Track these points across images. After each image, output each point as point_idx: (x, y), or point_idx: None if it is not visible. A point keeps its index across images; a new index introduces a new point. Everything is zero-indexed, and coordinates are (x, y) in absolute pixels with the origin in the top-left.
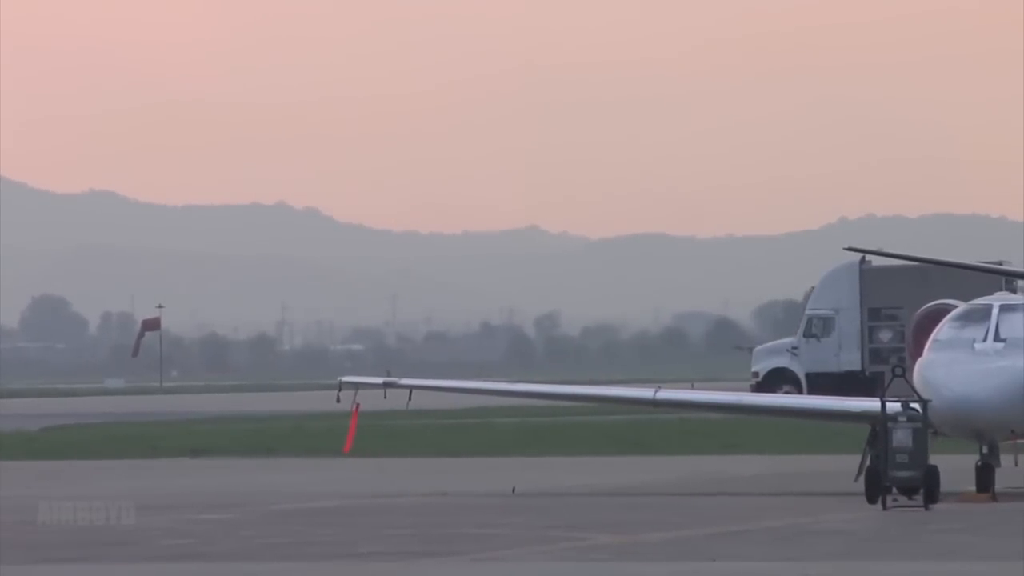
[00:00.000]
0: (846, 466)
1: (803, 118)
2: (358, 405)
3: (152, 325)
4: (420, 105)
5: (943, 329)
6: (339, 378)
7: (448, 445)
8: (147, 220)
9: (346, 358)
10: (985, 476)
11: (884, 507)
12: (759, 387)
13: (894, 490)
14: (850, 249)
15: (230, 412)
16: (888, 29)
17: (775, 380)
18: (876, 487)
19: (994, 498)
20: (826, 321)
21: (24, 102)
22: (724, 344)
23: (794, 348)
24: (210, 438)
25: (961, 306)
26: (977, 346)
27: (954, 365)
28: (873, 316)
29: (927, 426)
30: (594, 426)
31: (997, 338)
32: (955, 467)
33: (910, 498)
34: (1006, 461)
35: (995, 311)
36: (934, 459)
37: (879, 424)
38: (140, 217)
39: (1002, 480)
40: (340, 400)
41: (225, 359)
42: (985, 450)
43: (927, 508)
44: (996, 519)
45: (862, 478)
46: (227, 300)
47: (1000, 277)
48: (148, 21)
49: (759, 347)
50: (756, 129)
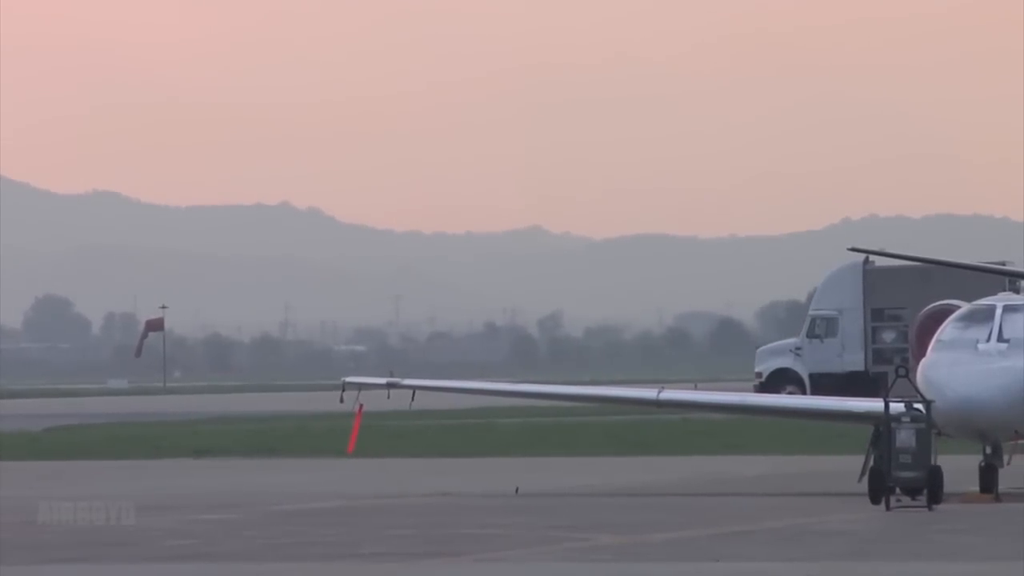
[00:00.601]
0: (849, 467)
1: (807, 118)
2: (361, 406)
3: (155, 325)
4: (423, 105)
5: (946, 330)
6: (342, 378)
7: (451, 446)
8: (150, 221)
9: (349, 358)
10: (988, 477)
11: (888, 508)
12: (762, 387)
13: (898, 491)
14: (853, 249)
15: (233, 412)
16: (892, 28)
17: (778, 380)
18: (880, 488)
19: (998, 499)
20: (829, 321)
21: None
22: (727, 344)
23: (797, 348)
24: (213, 438)
25: (964, 307)
26: (980, 347)
27: (957, 366)
28: (876, 316)
29: (931, 427)
30: (597, 426)
31: (1000, 339)
32: (959, 468)
33: (914, 499)
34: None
35: (998, 312)
36: (937, 459)
37: (883, 424)
38: (143, 218)
39: (1005, 480)
40: (343, 400)
41: (228, 359)
42: (989, 451)
43: (931, 509)
44: (1000, 520)
45: (865, 479)
46: (230, 300)
47: (1003, 277)
48: (150, 21)
49: (762, 348)
50: (759, 129)
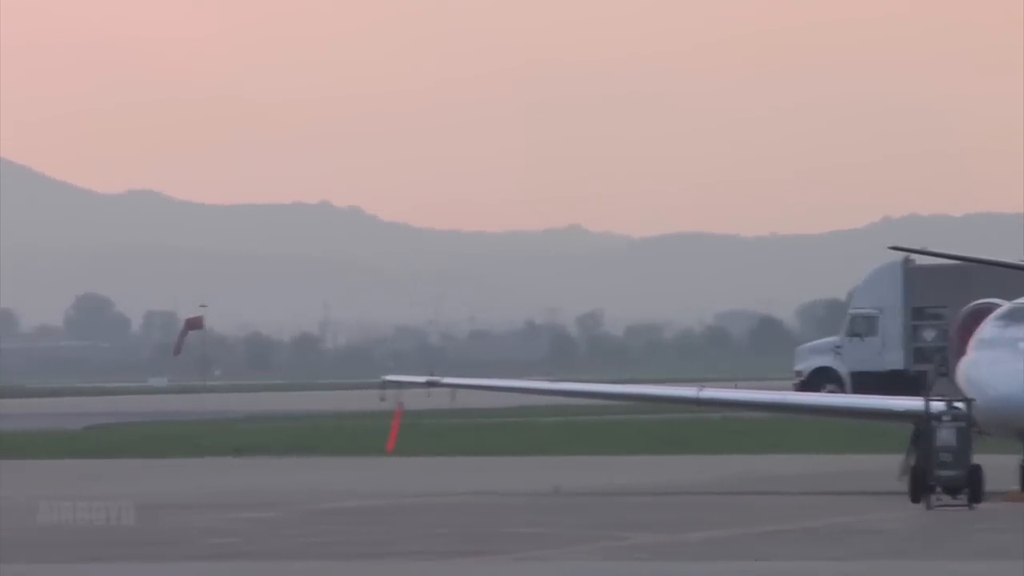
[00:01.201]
0: (890, 465)
1: (848, 116)
2: (401, 404)
3: (195, 324)
4: (463, 103)
5: (987, 328)
6: (382, 377)
7: (490, 444)
8: (190, 219)
9: (389, 357)
10: None
11: (928, 506)
12: (803, 386)
13: (938, 489)
14: (894, 248)
15: (272, 411)
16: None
17: (819, 379)
18: (920, 486)
19: None
20: (870, 320)
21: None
22: (767, 343)
23: (838, 347)
24: (252, 437)
25: (1005, 305)
26: (1021, 345)
27: (998, 364)
28: (917, 315)
29: (971, 425)
30: (637, 425)
31: None
32: (999, 466)
33: (954, 497)
34: None
35: None
36: (978, 458)
37: (923, 423)
38: (183, 216)
39: None
40: (384, 399)
41: (268, 358)
42: None
43: (971, 507)
44: None
45: (906, 477)
46: (270, 299)
47: None
48: (189, 19)
49: (802, 346)
50: (800, 128)
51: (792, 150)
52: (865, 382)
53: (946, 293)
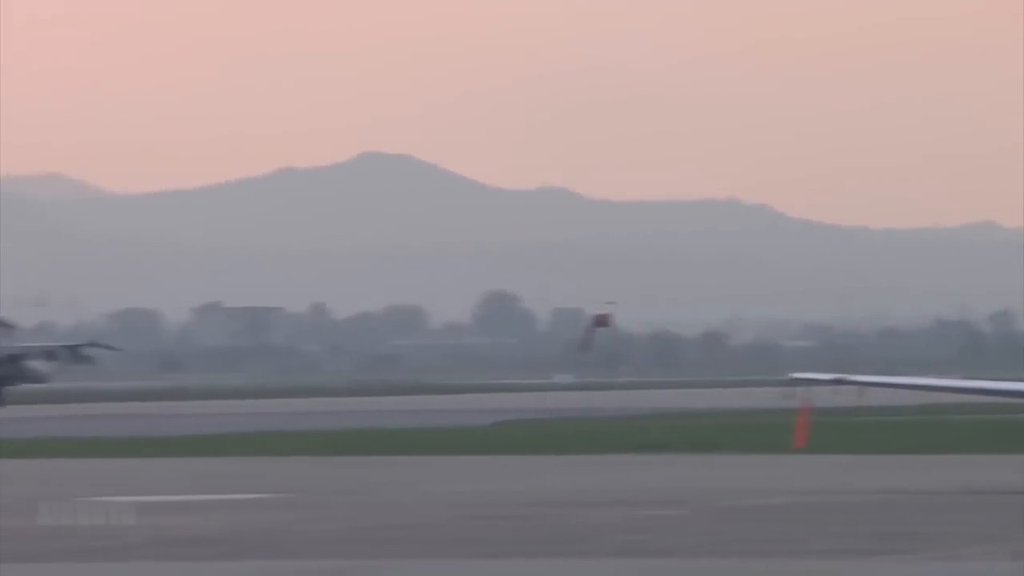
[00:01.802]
0: None
1: None
2: (809, 401)
3: (603, 321)
4: (874, 106)
5: None
6: (789, 375)
7: (900, 442)
8: (598, 216)
9: (797, 355)
10: None
11: None
12: None
13: None
14: None
15: (678, 408)
16: None
17: None
18: None
19: None
20: None
21: (476, 100)
22: None
23: None
24: (659, 434)
25: None
26: None
27: None
28: None
29: None
30: None
31: None
32: None
33: None
34: None
35: None
36: None
37: None
38: (591, 213)
39: None
40: (790, 396)
41: (675, 355)
42: None
43: None
44: None
45: None
46: (677, 296)
47: None
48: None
49: None
50: None
51: None
52: None
53: None
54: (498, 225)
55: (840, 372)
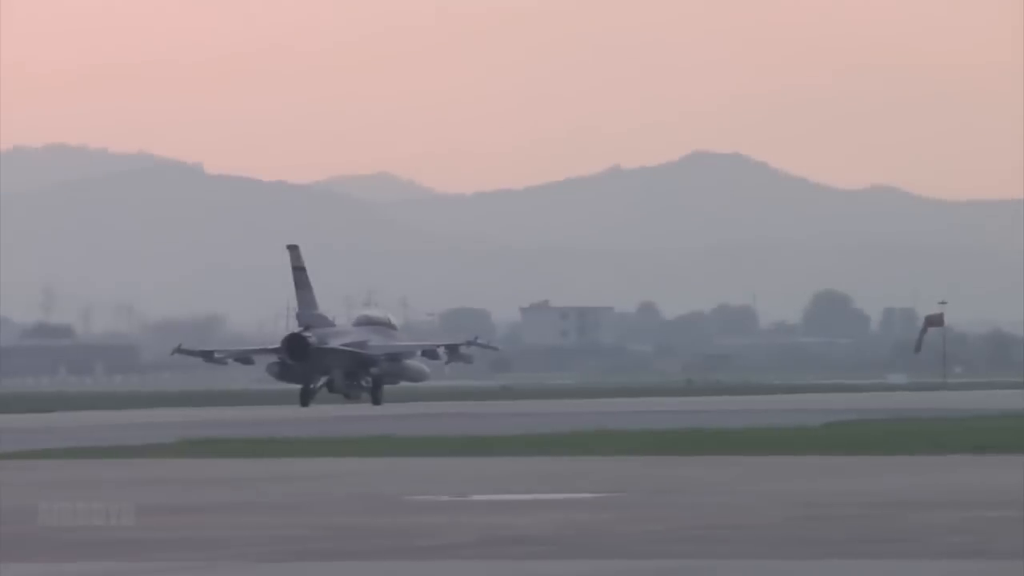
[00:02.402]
0: None
1: None
2: None
3: (935, 321)
4: None
5: None
6: None
7: None
8: (931, 215)
9: None
10: None
11: None
12: None
13: None
14: None
15: (1015, 409)
16: None
17: None
18: None
19: None
20: None
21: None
22: None
23: None
24: (995, 434)
25: None
26: None
27: None
28: None
29: None
30: None
31: None
32: None
33: None
34: None
35: None
36: None
37: None
38: (924, 212)
39: None
40: None
41: (1010, 355)
42: None
43: None
44: None
45: None
46: (1011, 295)
47: None
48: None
49: None
50: None
51: None
52: None
53: None
54: (828, 223)
55: None
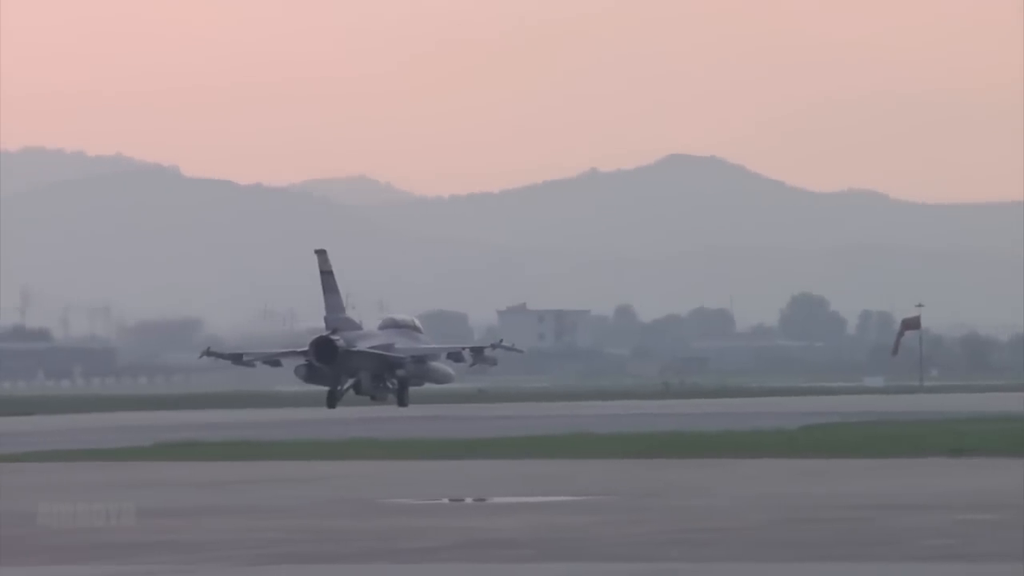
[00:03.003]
0: None
1: None
2: None
3: (912, 324)
4: None
5: None
6: None
7: None
8: (907, 218)
9: None
10: None
11: None
12: None
13: None
14: None
15: (991, 412)
16: None
17: None
18: None
19: None
20: None
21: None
22: None
23: None
24: (972, 438)
25: None
26: None
27: None
28: None
29: None
30: None
31: None
32: None
33: None
34: None
35: None
36: None
37: None
38: (900, 215)
39: None
40: None
41: (986, 358)
42: None
43: None
44: None
45: None
46: (987, 298)
47: None
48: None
49: None
50: None
51: None
52: None
53: None
54: (805, 226)
55: None
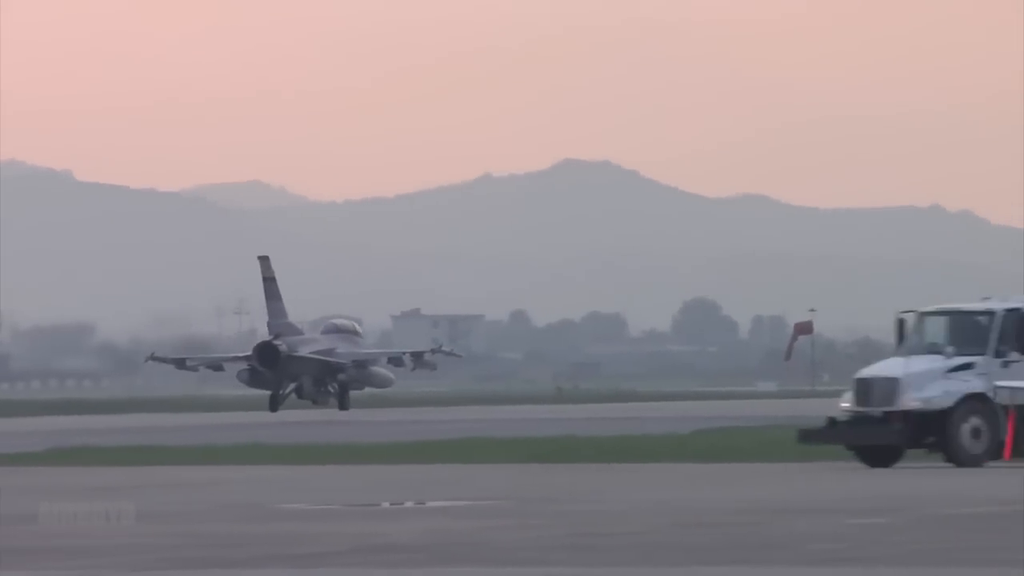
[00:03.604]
0: None
1: None
2: (1014, 410)
3: (805, 329)
4: None
5: None
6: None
7: None
8: (800, 224)
9: None
10: None
11: None
12: None
13: None
14: None
15: None
16: None
17: None
18: None
19: None
20: None
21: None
22: None
23: None
24: None
25: None
26: None
27: None
28: None
29: None
30: None
31: None
32: None
33: None
34: None
35: None
36: None
37: None
38: (793, 220)
39: None
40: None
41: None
42: None
43: None
44: None
45: None
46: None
47: None
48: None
49: None
50: None
51: None
52: None
53: None
54: (698, 231)
55: None
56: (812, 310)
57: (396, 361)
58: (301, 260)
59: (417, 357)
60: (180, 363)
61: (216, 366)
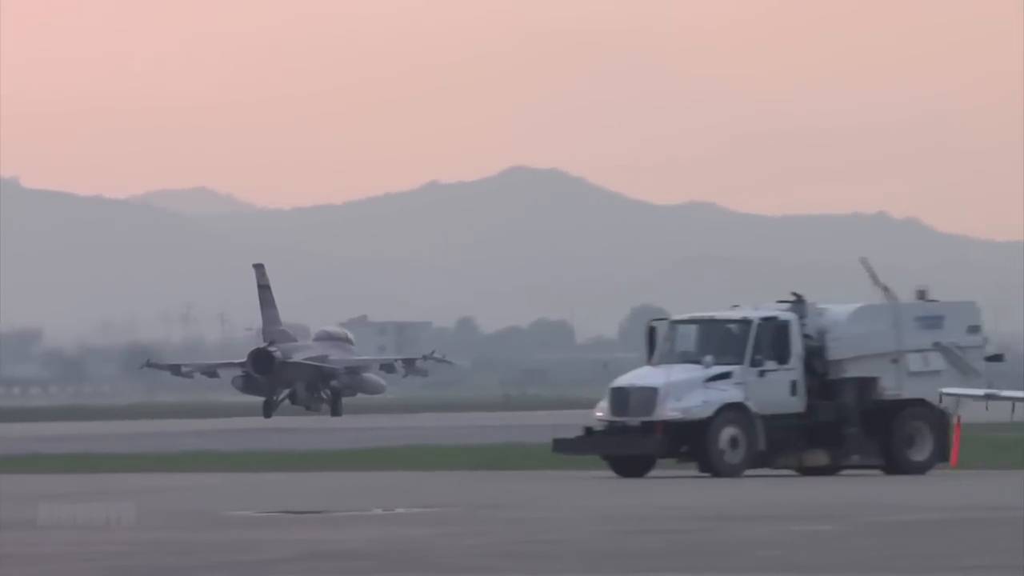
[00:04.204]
0: None
1: None
2: (959, 417)
3: None
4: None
5: None
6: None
7: None
8: (746, 230)
9: None
10: None
11: None
12: None
13: None
14: None
15: None
16: None
17: None
18: None
19: None
20: None
21: (617, 114)
22: None
23: None
24: None
25: None
26: None
27: None
28: None
29: None
30: None
31: None
32: None
33: None
34: None
35: None
36: None
37: None
38: (739, 227)
39: None
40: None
41: None
42: None
43: None
44: None
45: None
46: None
47: None
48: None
49: None
50: None
51: None
52: None
53: None
54: (645, 239)
55: (991, 388)
56: None
57: (388, 368)
58: (248, 267)
59: (409, 364)
60: (175, 369)
61: (211, 372)
